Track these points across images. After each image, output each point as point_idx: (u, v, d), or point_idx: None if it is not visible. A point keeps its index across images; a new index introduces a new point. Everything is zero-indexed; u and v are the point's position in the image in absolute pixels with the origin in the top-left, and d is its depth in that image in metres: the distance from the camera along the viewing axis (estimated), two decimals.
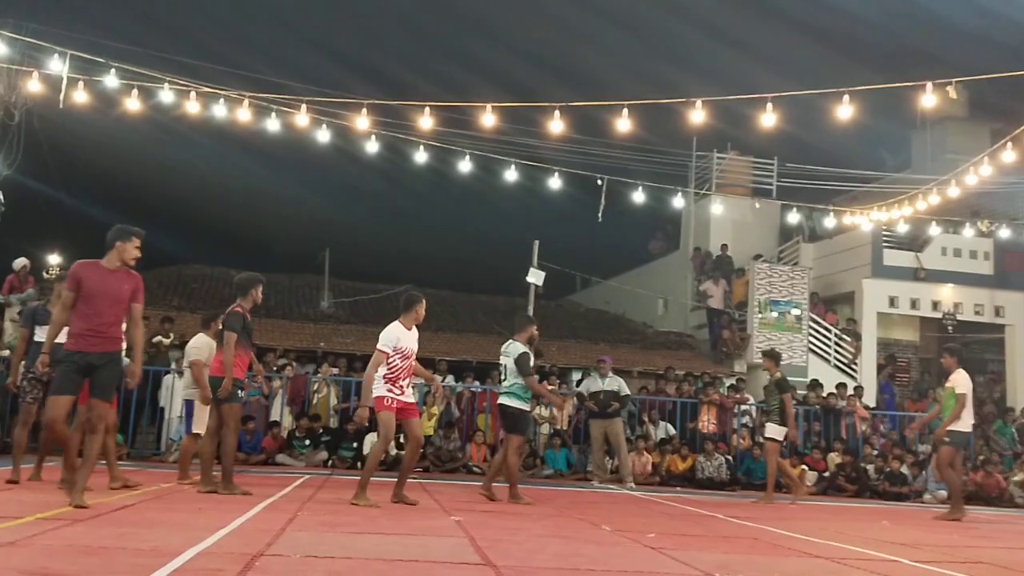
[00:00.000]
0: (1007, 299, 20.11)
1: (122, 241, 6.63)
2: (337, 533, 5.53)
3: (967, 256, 20.21)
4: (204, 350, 8.97)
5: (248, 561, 4.15)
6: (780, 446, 11.90)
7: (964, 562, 5.88)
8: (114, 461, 8.11)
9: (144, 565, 3.87)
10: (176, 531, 5.12)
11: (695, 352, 20.69)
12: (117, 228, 6.74)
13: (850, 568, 5.26)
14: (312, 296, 22.03)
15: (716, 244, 22.05)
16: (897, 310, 20.24)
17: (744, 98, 11.09)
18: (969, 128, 22.55)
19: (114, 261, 6.61)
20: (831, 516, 9.93)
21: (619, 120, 11.31)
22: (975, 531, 9.06)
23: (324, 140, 13.04)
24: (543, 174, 15.03)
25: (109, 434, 8.14)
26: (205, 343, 9.07)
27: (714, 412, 15.64)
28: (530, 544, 5.55)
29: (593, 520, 7.36)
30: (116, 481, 7.86)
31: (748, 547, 6.23)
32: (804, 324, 19.52)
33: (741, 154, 22.97)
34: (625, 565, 4.88)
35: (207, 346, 9.02)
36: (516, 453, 9.17)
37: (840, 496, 14.10)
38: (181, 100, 11.91)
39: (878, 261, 19.94)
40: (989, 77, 10.72)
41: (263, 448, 13.26)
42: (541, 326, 17.71)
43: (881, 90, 10.66)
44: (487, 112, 11.60)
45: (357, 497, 7.40)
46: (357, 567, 4.25)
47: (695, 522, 8.09)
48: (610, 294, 25.48)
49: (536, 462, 14.15)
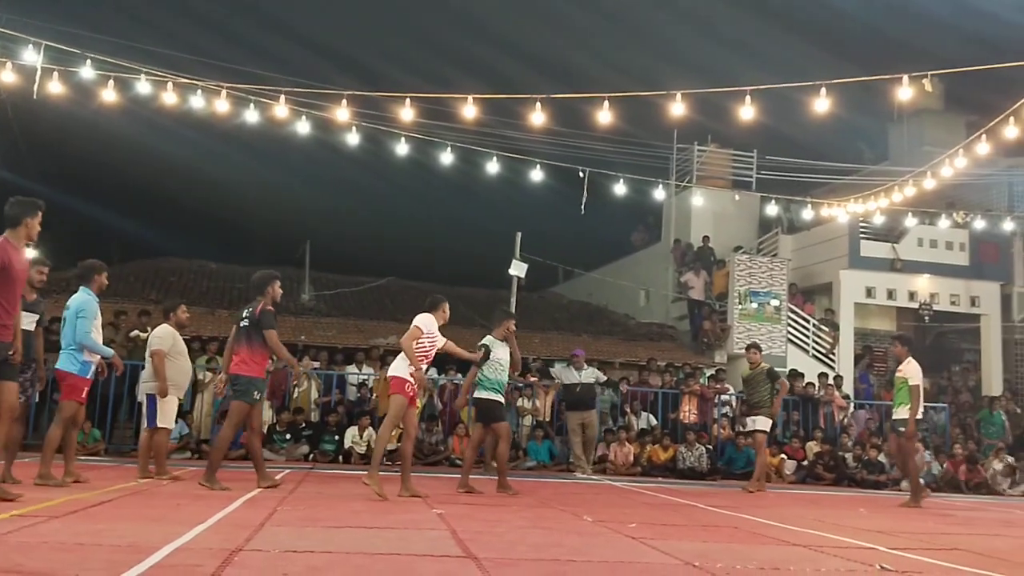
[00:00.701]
0: (982, 289, 20.30)
1: (31, 216, 6.15)
2: (317, 527, 5.52)
3: (943, 247, 20.38)
4: (167, 340, 8.89)
5: (227, 556, 4.13)
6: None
7: (940, 549, 5.95)
8: (72, 455, 7.96)
9: (121, 561, 3.85)
10: (154, 527, 5.09)
11: (676, 343, 20.77)
12: (22, 201, 6.20)
13: (828, 556, 5.31)
14: (293, 289, 21.89)
15: (697, 236, 22.13)
16: (874, 300, 20.40)
17: (723, 91, 11.12)
18: (945, 121, 22.75)
19: (22, 239, 6.12)
20: (810, 504, 10.02)
21: (600, 112, 11.31)
22: (952, 518, 9.16)
23: (304, 132, 12.95)
24: (525, 166, 15.03)
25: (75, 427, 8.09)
26: (168, 333, 8.97)
27: (695, 402, 15.73)
28: (511, 536, 5.56)
29: (575, 511, 7.39)
30: (69, 476, 7.73)
31: (728, 536, 6.28)
32: (783, 315, 19.64)
33: (721, 147, 23.07)
34: (606, 555, 4.90)
35: (170, 336, 8.94)
36: (505, 441, 9.18)
37: (819, 484, 14.22)
38: (158, 91, 11.78)
39: (855, 252, 20.07)
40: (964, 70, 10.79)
41: (242, 443, 13.16)
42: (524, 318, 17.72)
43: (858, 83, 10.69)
44: (468, 104, 11.56)
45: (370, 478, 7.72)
46: (337, 561, 4.24)
47: (676, 512, 8.13)
48: (592, 286, 25.53)
49: (519, 454, 14.18)
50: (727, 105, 11.56)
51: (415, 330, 8.13)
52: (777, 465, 14.60)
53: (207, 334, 15.35)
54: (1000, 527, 8.37)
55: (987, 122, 12.17)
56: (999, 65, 10.23)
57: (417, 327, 8.15)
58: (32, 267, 7.19)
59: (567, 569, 4.37)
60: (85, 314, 7.82)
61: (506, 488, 8.83)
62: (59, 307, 15.91)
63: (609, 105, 11.18)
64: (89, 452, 12.16)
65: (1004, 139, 12.03)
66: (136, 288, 19.06)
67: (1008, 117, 11.43)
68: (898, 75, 10.27)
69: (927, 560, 5.32)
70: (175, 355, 8.95)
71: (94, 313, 7.94)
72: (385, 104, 12.49)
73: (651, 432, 15.01)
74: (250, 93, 12.09)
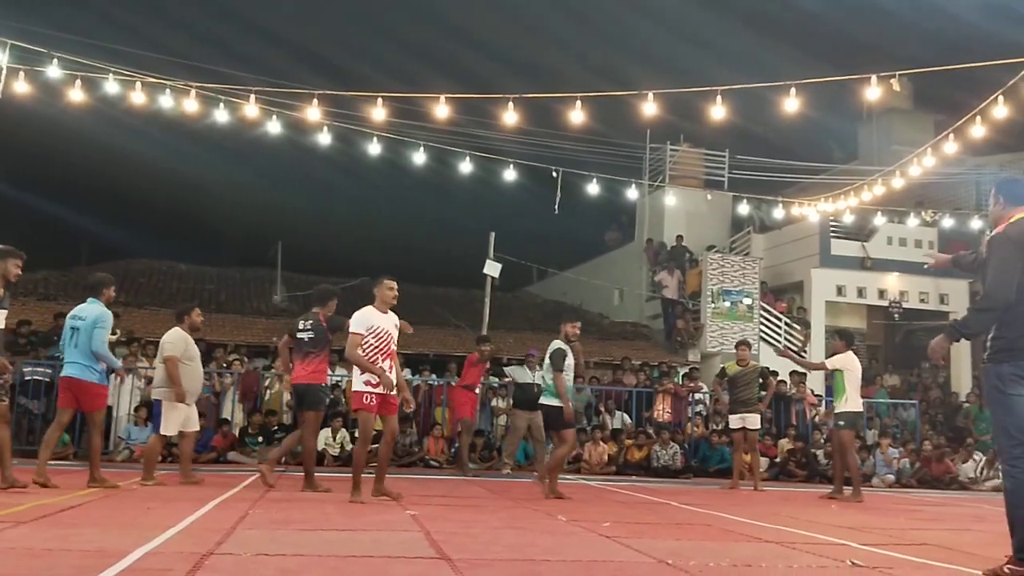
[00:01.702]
0: (951, 287, 20.55)
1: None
2: (289, 530, 5.48)
3: (912, 245, 20.58)
4: (180, 345, 8.81)
5: (197, 560, 4.09)
6: None
7: (910, 544, 6.01)
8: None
9: (89, 566, 3.80)
10: (123, 531, 5.03)
11: (650, 342, 20.86)
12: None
13: (799, 552, 5.35)
14: (264, 290, 21.78)
15: (670, 235, 22.24)
16: (844, 298, 20.59)
17: (694, 91, 11.16)
18: (914, 120, 23.02)
19: None
20: (782, 501, 10.09)
21: (573, 112, 11.32)
22: (921, 514, 9.26)
23: (275, 131, 12.85)
24: (498, 166, 15.01)
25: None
26: (180, 337, 8.89)
27: (669, 401, 15.79)
28: (485, 536, 5.55)
29: (549, 511, 7.39)
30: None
31: (701, 534, 6.31)
32: (755, 313, 19.78)
33: (694, 146, 23.21)
34: (579, 554, 4.90)
35: (182, 340, 8.87)
36: (569, 447, 9.28)
37: (791, 481, 14.33)
38: (126, 91, 11.65)
39: (826, 251, 20.26)
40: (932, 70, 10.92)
41: (214, 446, 13.09)
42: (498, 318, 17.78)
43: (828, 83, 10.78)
44: (441, 103, 11.53)
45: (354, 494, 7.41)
46: (310, 564, 4.21)
47: (649, 510, 8.16)
48: (567, 285, 25.59)
49: (493, 455, 14.17)
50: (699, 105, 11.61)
51: (353, 337, 7.53)
52: (749, 462, 14.67)
53: None
54: (970, 522, 8.47)
55: (955, 121, 12.31)
56: (966, 65, 10.36)
57: (354, 334, 7.54)
58: (9, 259, 7.16)
59: (541, 569, 4.37)
60: (104, 325, 8.06)
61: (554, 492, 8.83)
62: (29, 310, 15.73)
63: (582, 105, 11.19)
64: (58, 456, 11.98)
65: (971, 138, 12.17)
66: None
67: (975, 116, 11.56)
68: (867, 75, 10.37)
69: (897, 556, 5.37)
70: (187, 359, 8.86)
71: (111, 325, 8.25)
72: (357, 104, 12.43)
73: (625, 431, 15.05)
74: (220, 93, 11.99)
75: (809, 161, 21.81)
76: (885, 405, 18.15)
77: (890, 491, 13.79)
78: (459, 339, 18.72)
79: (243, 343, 16.75)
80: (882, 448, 15.18)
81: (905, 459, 15.17)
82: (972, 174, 20.80)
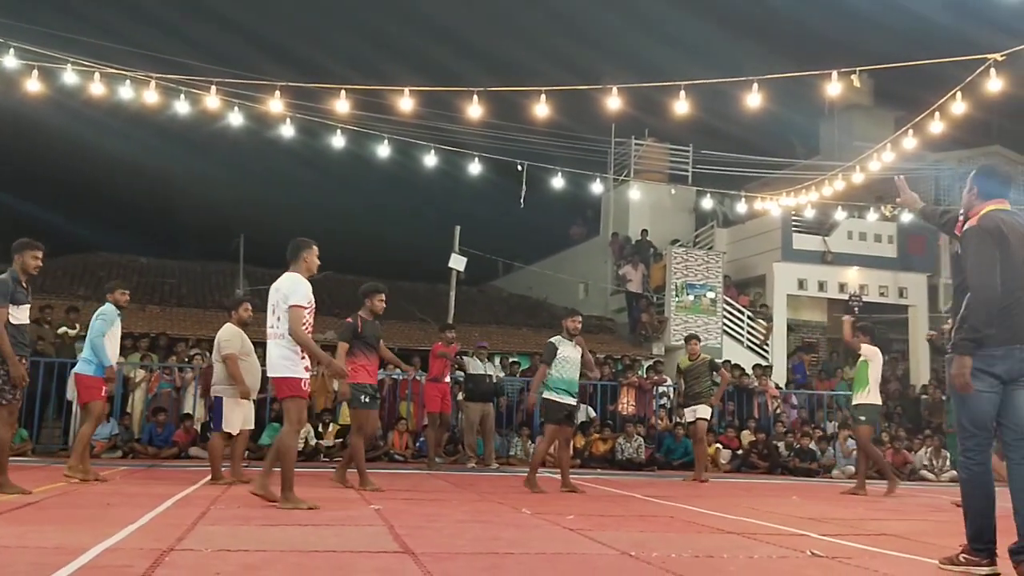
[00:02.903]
0: (910, 281, 20.87)
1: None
2: (252, 526, 5.44)
3: (872, 240, 20.88)
4: (235, 341, 8.76)
5: (158, 556, 4.05)
6: None
7: (868, 534, 6.10)
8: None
9: (47, 564, 3.74)
10: (82, 528, 4.97)
11: (615, 335, 20.95)
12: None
13: (760, 543, 5.41)
14: (226, 284, 21.55)
15: (634, 229, 22.34)
16: (806, 292, 20.82)
17: (657, 85, 11.21)
18: (875, 116, 23.30)
19: None
20: (744, 493, 10.20)
21: (538, 106, 11.32)
22: (880, 504, 9.40)
23: (237, 123, 12.70)
24: (463, 159, 14.96)
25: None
26: (235, 333, 8.85)
27: (633, 394, 15.87)
28: (450, 530, 5.55)
29: (513, 504, 7.41)
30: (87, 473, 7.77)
31: (664, 525, 6.36)
32: (719, 307, 19.95)
33: (658, 141, 23.32)
34: (544, 547, 4.92)
35: (238, 336, 8.83)
36: (547, 442, 9.33)
37: (753, 473, 14.49)
38: (85, 82, 11.46)
39: (787, 245, 20.47)
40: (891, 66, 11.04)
41: (175, 441, 12.94)
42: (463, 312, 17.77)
43: (790, 78, 10.88)
44: (405, 96, 11.48)
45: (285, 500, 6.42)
46: (272, 559, 4.18)
47: (613, 503, 8.21)
48: (532, 279, 25.61)
49: (458, 448, 14.16)
50: (664, 100, 11.66)
51: (298, 312, 6.55)
52: (713, 454, 14.83)
53: (138, 331, 15.00)
54: (926, 512, 8.62)
55: (915, 118, 12.47)
56: (926, 61, 10.49)
57: (298, 308, 6.56)
58: (26, 251, 7.02)
59: (505, 562, 4.38)
60: (105, 317, 8.33)
61: (571, 487, 8.93)
62: None
63: (546, 99, 11.18)
64: (16, 452, 11.79)
65: (930, 134, 12.34)
66: (64, 284, 18.57)
67: (934, 112, 11.72)
68: (828, 71, 10.48)
69: (855, 545, 5.46)
70: (244, 355, 8.80)
71: (112, 321, 8.45)
72: (320, 96, 12.32)
73: (592, 424, 15.11)
74: (180, 84, 11.83)
75: (772, 156, 22.01)
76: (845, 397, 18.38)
77: (850, 482, 13.97)
78: (424, 333, 18.67)
79: (205, 337, 16.54)
80: (841, 439, 15.39)
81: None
82: (931, 170, 21.13)
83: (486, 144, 15.84)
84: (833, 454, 15.16)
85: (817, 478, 14.31)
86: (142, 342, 14.49)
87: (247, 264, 22.07)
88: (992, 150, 20.37)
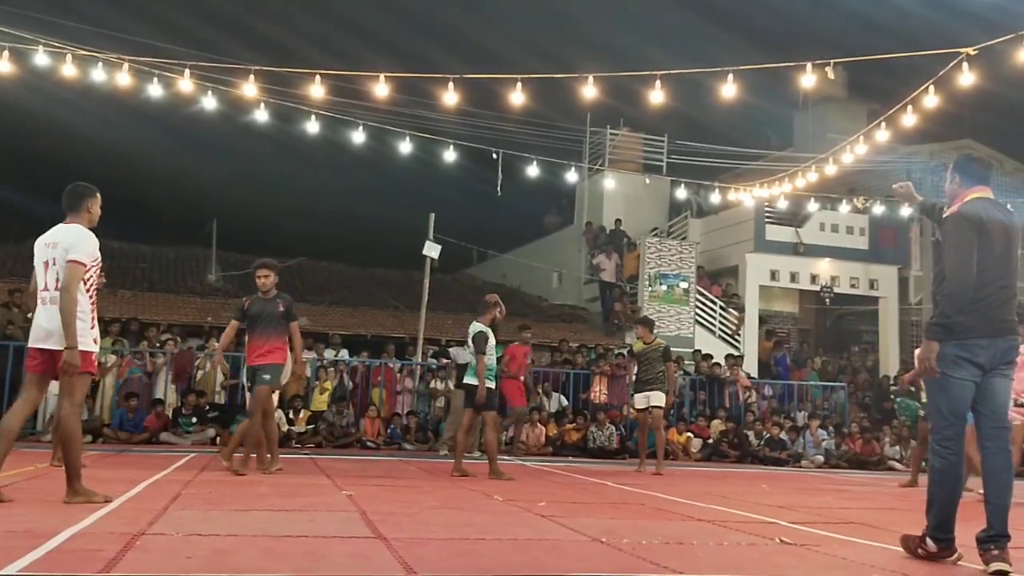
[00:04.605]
0: (881, 272, 21.10)
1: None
2: (223, 511, 5.43)
3: (844, 231, 21.08)
4: None
5: (128, 540, 4.03)
6: None
7: (836, 522, 6.18)
8: None
9: (16, 547, 3.72)
10: (52, 512, 4.93)
11: (588, 324, 21.02)
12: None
13: (729, 530, 5.47)
14: (199, 269, 21.39)
15: (608, 219, 22.40)
16: (778, 283, 21.01)
17: (632, 75, 11.23)
18: (848, 108, 23.47)
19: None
20: (714, 481, 10.29)
21: (514, 94, 11.30)
22: (848, 494, 9.53)
23: (210, 107, 12.58)
24: (438, 147, 14.92)
25: None
26: None
27: (605, 383, 15.95)
28: (422, 516, 5.56)
29: (486, 491, 7.43)
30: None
31: (634, 512, 6.41)
32: (691, 297, 20.07)
33: (633, 131, 23.37)
34: (515, 533, 4.95)
35: None
36: (494, 429, 9.31)
37: (724, 462, 14.63)
38: (57, 63, 11.30)
39: (760, 236, 20.61)
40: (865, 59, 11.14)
41: (146, 427, 12.85)
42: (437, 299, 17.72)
43: (765, 70, 10.93)
44: (380, 82, 11.42)
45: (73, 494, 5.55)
46: (243, 544, 4.17)
47: (585, 490, 8.26)
48: (506, 267, 25.63)
49: (428, 436, 14.19)
50: (639, 89, 11.68)
51: (77, 268, 5.52)
52: (683, 443, 14.95)
53: (110, 315, 14.85)
54: (895, 500, 8.75)
55: (888, 110, 12.57)
56: (899, 55, 10.58)
57: (77, 262, 5.54)
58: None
59: (477, 547, 4.40)
60: None
61: (498, 474, 8.87)
62: None
63: (522, 87, 11.16)
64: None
65: (903, 127, 12.43)
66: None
67: (907, 106, 11.82)
68: (802, 63, 10.53)
69: (824, 533, 5.53)
70: None
71: None
72: (294, 81, 12.23)
73: (565, 413, 15.18)
74: (153, 67, 11.69)
75: (746, 147, 22.14)
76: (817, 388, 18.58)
77: (819, 471, 14.16)
78: (397, 320, 18.65)
79: (176, 323, 16.45)
80: (811, 429, 15.57)
81: (832, 440, 15.59)
82: (903, 163, 21.31)
83: (461, 132, 15.82)
84: (803, 444, 15.34)
85: (786, 467, 14.48)
86: (113, 327, 14.35)
87: (220, 249, 21.91)
88: (964, 144, 20.55)
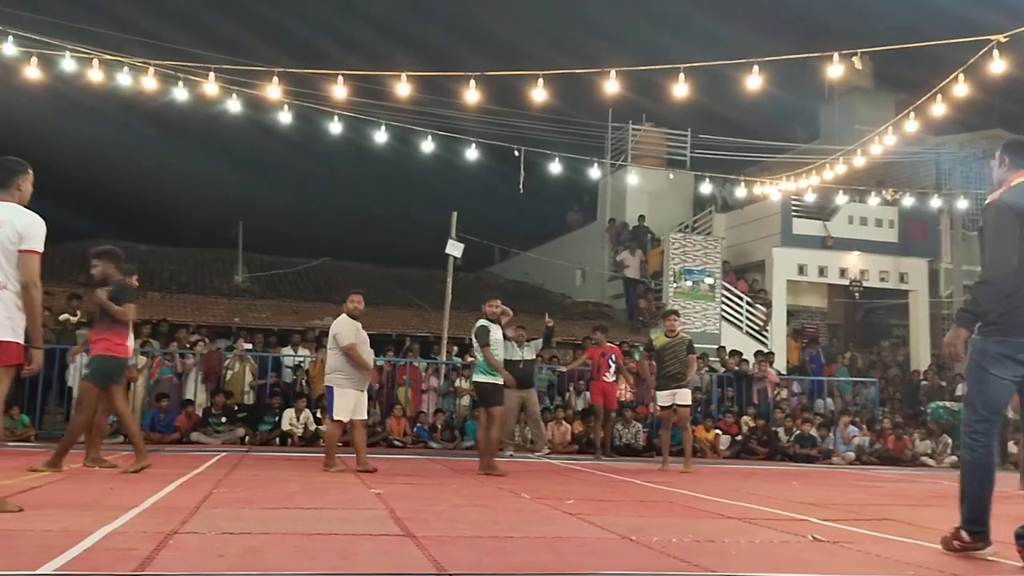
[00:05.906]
0: (911, 266, 20.86)
1: None
2: (254, 509, 5.46)
3: (873, 224, 20.86)
4: (351, 331, 8.92)
5: (162, 539, 4.06)
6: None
7: (870, 519, 6.11)
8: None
9: (52, 547, 3.75)
10: (86, 512, 4.98)
11: (613, 321, 20.95)
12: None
13: (761, 527, 5.42)
14: (226, 270, 21.57)
15: (632, 215, 22.31)
16: (806, 277, 20.82)
17: (655, 69, 11.15)
18: (875, 99, 23.21)
19: None
20: (744, 478, 10.22)
21: (535, 90, 11.28)
22: (881, 490, 9.43)
23: (235, 110, 12.68)
24: (460, 145, 14.94)
25: None
26: (351, 324, 8.99)
27: (631, 380, 15.87)
28: (449, 514, 5.56)
29: (512, 488, 7.42)
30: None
31: (663, 510, 6.37)
32: (717, 292, 19.94)
33: (656, 126, 23.28)
34: (543, 531, 4.93)
35: (353, 327, 8.97)
36: (494, 426, 9.27)
37: (753, 459, 14.52)
38: (84, 69, 11.42)
39: (787, 230, 20.45)
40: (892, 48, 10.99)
41: (177, 427, 12.97)
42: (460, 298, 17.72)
43: (791, 61, 10.83)
44: (402, 81, 11.44)
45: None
46: (274, 542, 4.19)
47: (612, 488, 8.23)
48: (529, 265, 25.62)
49: (455, 434, 14.22)
50: (662, 83, 11.62)
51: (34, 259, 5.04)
52: (712, 440, 14.87)
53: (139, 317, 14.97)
54: (928, 498, 8.63)
55: (916, 100, 12.39)
56: (928, 43, 10.44)
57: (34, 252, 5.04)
58: None
59: (505, 545, 4.39)
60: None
61: (492, 469, 8.87)
62: None
63: (544, 83, 11.15)
64: (19, 438, 11.84)
65: (932, 117, 12.26)
66: (64, 271, 18.58)
67: (935, 95, 11.65)
68: (828, 53, 10.42)
69: (857, 530, 5.47)
70: (359, 344, 8.95)
71: None
72: (317, 82, 12.29)
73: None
74: (178, 70, 11.79)
75: (771, 140, 21.97)
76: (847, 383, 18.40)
77: (850, 468, 14.03)
78: (421, 319, 18.69)
79: (205, 324, 16.58)
80: (842, 426, 15.42)
81: (865, 436, 15.41)
82: (932, 153, 21.09)
83: (483, 130, 15.83)
84: (833, 440, 15.19)
85: (817, 464, 14.35)
86: (143, 328, 14.48)
87: (246, 251, 22.08)
88: (994, 133, 20.24)
